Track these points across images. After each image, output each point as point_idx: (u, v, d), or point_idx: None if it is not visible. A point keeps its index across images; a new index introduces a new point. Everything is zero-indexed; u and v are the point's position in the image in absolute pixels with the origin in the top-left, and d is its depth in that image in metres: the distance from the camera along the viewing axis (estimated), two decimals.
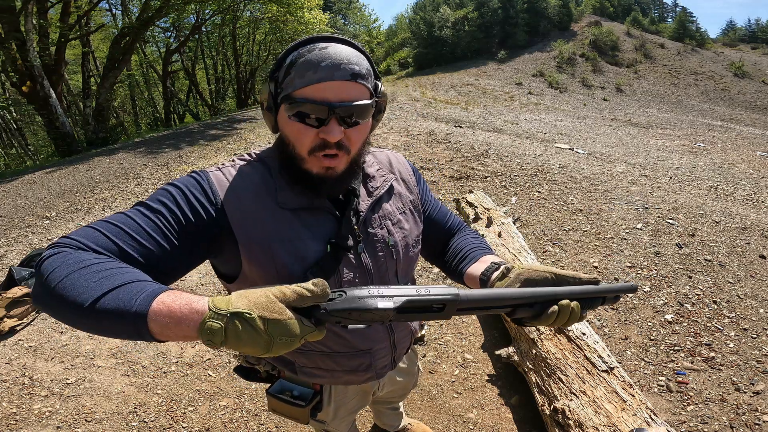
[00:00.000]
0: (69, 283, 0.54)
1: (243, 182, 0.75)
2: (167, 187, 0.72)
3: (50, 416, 1.97)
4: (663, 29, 32.08)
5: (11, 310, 2.64)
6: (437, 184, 5.11)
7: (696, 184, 5.62)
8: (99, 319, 0.53)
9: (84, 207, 5.01)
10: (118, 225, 0.64)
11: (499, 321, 2.58)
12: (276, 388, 0.89)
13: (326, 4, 26.53)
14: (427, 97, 15.63)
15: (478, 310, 0.66)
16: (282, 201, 0.75)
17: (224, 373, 2.25)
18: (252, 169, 0.77)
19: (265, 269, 0.74)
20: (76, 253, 0.58)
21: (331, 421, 1.06)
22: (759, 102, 19.20)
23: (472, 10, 26.06)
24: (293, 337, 0.53)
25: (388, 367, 0.96)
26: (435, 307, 0.61)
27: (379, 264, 0.83)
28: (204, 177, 0.74)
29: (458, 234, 1.04)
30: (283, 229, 0.74)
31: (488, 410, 2.00)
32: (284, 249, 0.74)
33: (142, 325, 0.52)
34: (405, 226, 0.88)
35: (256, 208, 0.74)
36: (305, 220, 0.77)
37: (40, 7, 9.17)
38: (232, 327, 0.51)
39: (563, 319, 0.69)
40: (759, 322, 2.55)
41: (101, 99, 10.70)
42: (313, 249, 0.76)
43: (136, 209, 0.68)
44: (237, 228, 0.72)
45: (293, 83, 0.68)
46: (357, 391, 1.06)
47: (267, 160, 0.79)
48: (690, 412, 1.95)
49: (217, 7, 13.30)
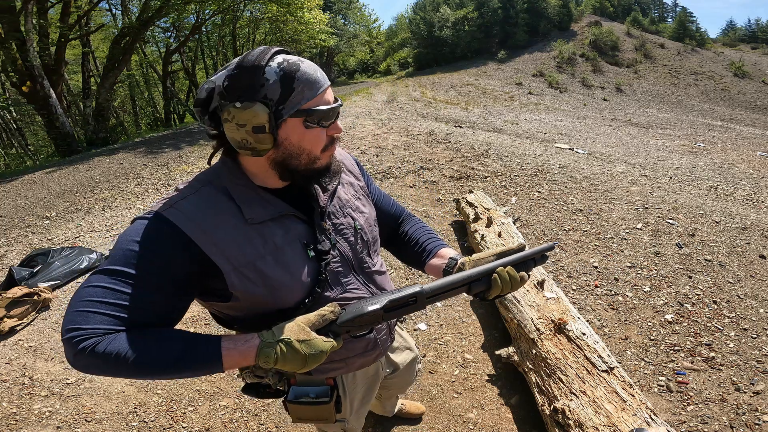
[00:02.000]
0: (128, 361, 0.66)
1: (203, 213, 0.74)
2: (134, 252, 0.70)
3: (50, 416, 1.97)
4: (663, 29, 32.08)
5: (11, 310, 2.64)
6: (437, 184, 5.11)
7: (696, 184, 5.62)
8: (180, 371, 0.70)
9: (84, 207, 5.01)
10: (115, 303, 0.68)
11: (499, 321, 2.58)
12: (294, 396, 0.92)
13: (326, 4, 26.52)
14: (427, 97, 15.63)
15: (442, 295, 0.84)
16: (250, 217, 0.77)
17: (224, 373, 2.25)
18: (206, 197, 0.76)
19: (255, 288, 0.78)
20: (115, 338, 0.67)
21: (350, 416, 1.12)
22: (759, 102, 19.20)
23: (472, 10, 26.06)
24: (322, 352, 0.72)
25: (387, 340, 1.07)
26: (410, 301, 0.81)
27: (354, 248, 0.92)
28: (165, 224, 0.72)
29: (408, 222, 1.16)
30: (260, 245, 0.77)
31: (488, 410, 2.00)
32: (269, 264, 0.78)
33: (218, 369, 0.72)
34: (363, 210, 0.97)
35: (226, 234, 0.75)
36: (276, 231, 0.80)
37: (40, 7, 9.17)
38: (279, 350, 0.70)
39: (507, 284, 0.85)
40: (759, 322, 2.55)
41: (101, 99, 10.70)
42: (293, 256, 0.81)
43: (118, 280, 0.69)
44: (218, 259, 0.74)
45: (304, 96, 0.72)
46: (365, 379, 1.12)
47: (216, 183, 0.79)
48: (690, 412, 1.95)
49: (217, 7, 13.29)
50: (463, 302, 2.86)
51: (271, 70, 0.70)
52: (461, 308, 2.80)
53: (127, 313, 0.68)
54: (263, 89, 0.70)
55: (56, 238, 4.12)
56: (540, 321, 2.02)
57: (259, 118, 0.69)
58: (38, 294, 2.80)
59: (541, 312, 2.08)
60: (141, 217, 0.74)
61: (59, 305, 2.87)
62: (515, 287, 0.87)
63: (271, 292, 0.79)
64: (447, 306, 2.83)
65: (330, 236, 0.87)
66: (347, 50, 30.33)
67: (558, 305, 2.12)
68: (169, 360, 0.68)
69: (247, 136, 0.71)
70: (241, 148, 0.73)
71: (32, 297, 2.76)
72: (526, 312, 2.13)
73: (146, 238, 0.71)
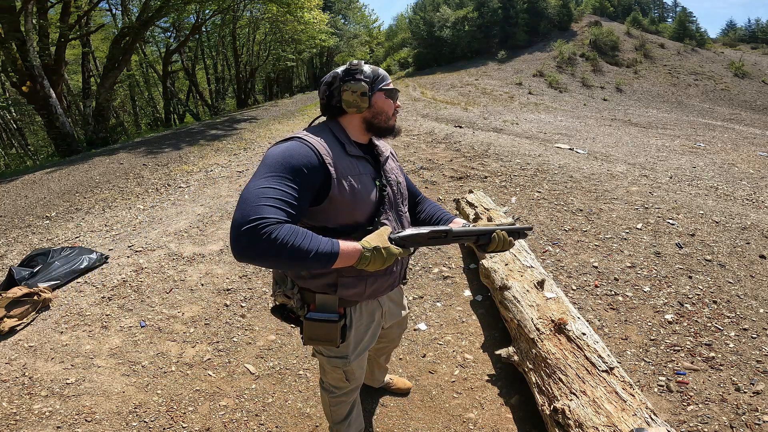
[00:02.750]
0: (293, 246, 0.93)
1: (327, 143, 1.15)
2: (290, 162, 1.04)
3: (50, 416, 1.97)
4: (663, 29, 32.06)
5: (11, 310, 2.64)
6: (437, 184, 5.11)
7: (696, 184, 5.62)
8: (311, 262, 0.96)
9: (84, 207, 5.02)
10: (281, 199, 0.98)
11: (499, 321, 2.58)
12: (311, 315, 1.22)
13: (326, 4, 26.52)
14: (427, 97, 15.62)
15: (463, 237, 1.22)
16: (349, 151, 1.20)
17: (224, 373, 2.25)
18: (327, 136, 1.18)
19: (347, 195, 1.14)
20: (286, 228, 0.94)
21: (351, 353, 1.36)
22: (759, 102, 19.19)
23: (472, 10, 26.03)
24: (394, 255, 1.07)
25: (398, 280, 1.37)
26: (443, 234, 1.17)
27: (395, 194, 1.30)
28: (309, 146, 1.10)
29: (424, 202, 1.52)
30: (353, 168, 1.18)
31: (488, 410, 2.00)
32: (355, 180, 1.17)
33: (334, 260, 1.00)
34: (401, 176, 1.40)
35: (337, 157, 1.14)
36: (360, 164, 1.22)
37: (40, 7, 9.16)
38: (371, 254, 1.04)
39: (501, 242, 1.25)
40: (759, 322, 2.55)
41: (101, 99, 10.69)
42: (368, 181, 1.22)
43: (280, 181, 1.00)
44: (332, 171, 1.11)
45: (383, 82, 1.22)
46: (369, 317, 1.38)
47: (328, 131, 1.21)
48: (690, 412, 1.95)
49: (217, 7, 13.30)
50: (463, 302, 2.86)
51: (366, 67, 1.21)
52: (461, 308, 2.80)
53: (290, 208, 0.98)
54: (363, 75, 1.19)
55: (56, 238, 4.12)
56: (540, 321, 2.02)
57: (363, 88, 1.17)
58: (38, 294, 2.80)
59: (541, 312, 2.08)
60: (285, 140, 1.12)
61: (59, 305, 2.87)
62: (506, 247, 1.26)
63: (353, 199, 1.14)
64: (447, 306, 2.83)
65: (384, 180, 1.26)
66: (347, 50, 30.32)
67: (558, 305, 2.12)
68: (313, 249, 0.95)
69: (357, 98, 1.17)
70: (350, 107, 1.19)
71: (32, 297, 2.76)
72: (526, 312, 2.13)
73: (297, 153, 1.06)
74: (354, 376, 1.45)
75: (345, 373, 1.41)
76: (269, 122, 10.88)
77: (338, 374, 1.42)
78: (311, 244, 0.96)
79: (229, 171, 6.06)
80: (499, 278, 2.48)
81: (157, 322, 2.68)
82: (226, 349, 2.43)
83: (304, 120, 10.79)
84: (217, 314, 2.75)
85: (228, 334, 2.56)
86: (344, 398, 1.53)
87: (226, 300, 2.89)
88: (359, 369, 1.45)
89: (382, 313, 1.43)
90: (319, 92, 1.24)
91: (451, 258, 3.42)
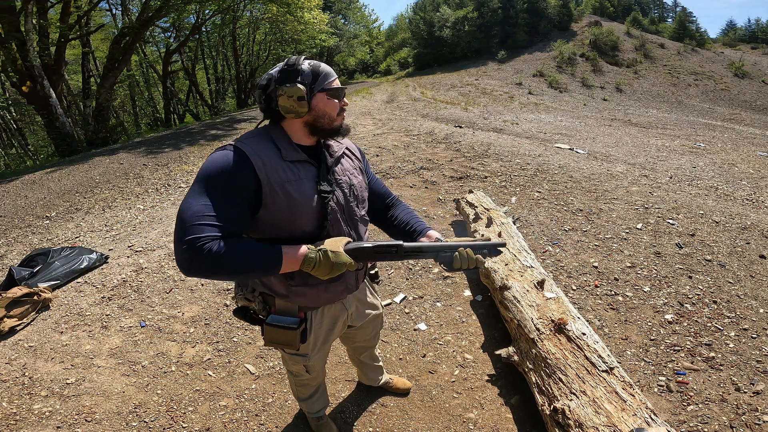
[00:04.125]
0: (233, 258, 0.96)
1: (262, 149, 1.11)
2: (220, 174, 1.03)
3: (50, 416, 1.97)
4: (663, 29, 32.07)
5: (11, 310, 2.64)
6: (437, 184, 5.11)
7: (696, 184, 5.62)
8: (254, 270, 1.00)
9: (84, 207, 5.02)
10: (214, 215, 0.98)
11: (499, 321, 2.58)
12: (271, 320, 1.22)
13: (326, 4, 26.50)
14: (427, 97, 15.62)
15: (417, 254, 1.12)
16: (285, 155, 1.13)
17: (224, 373, 2.25)
18: (263, 142, 1.14)
19: (280, 203, 1.09)
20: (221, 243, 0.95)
21: (311, 351, 1.39)
22: (759, 102, 19.19)
23: (472, 10, 26.03)
24: (344, 263, 1.05)
25: (353, 286, 1.34)
26: (392, 249, 1.09)
27: (347, 198, 1.23)
28: (240, 153, 1.07)
29: (397, 207, 1.44)
30: (290, 174, 1.12)
31: (488, 410, 2.00)
32: (293, 187, 1.11)
33: (279, 267, 1.02)
34: (359, 177, 1.32)
35: (270, 163, 1.09)
36: (299, 168, 1.15)
37: (40, 7, 9.16)
38: (318, 257, 1.04)
39: (465, 260, 1.12)
40: (759, 322, 2.55)
41: (101, 99, 10.69)
42: (308, 186, 1.14)
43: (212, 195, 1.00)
44: (263, 178, 1.07)
45: (325, 81, 1.14)
46: (330, 318, 1.38)
47: (265, 135, 1.16)
48: (690, 412, 1.95)
49: (217, 7, 13.29)
50: (463, 302, 2.86)
51: (305, 66, 1.12)
52: (461, 308, 2.80)
53: (225, 222, 0.98)
54: (301, 76, 1.11)
55: (56, 238, 4.12)
56: (540, 321, 2.02)
57: (300, 92, 1.09)
58: (38, 294, 2.80)
59: (541, 312, 2.08)
60: (222, 148, 1.09)
61: (59, 305, 2.87)
62: (471, 265, 1.13)
63: (290, 206, 1.10)
64: (447, 306, 2.83)
65: (332, 183, 1.19)
66: (347, 50, 30.31)
67: (558, 305, 2.12)
68: (252, 259, 0.97)
69: (294, 103, 1.10)
70: (288, 113, 1.12)
71: (32, 297, 2.76)
72: (526, 312, 2.13)
73: (227, 163, 1.04)
74: (314, 369, 1.51)
75: (306, 367, 1.47)
76: None
77: (299, 367, 1.49)
78: (250, 255, 0.97)
79: None
80: (499, 278, 2.48)
81: (157, 322, 2.68)
82: (226, 349, 2.43)
83: None
84: (217, 314, 2.75)
85: (228, 334, 2.56)
86: (308, 383, 1.63)
87: (226, 300, 2.89)
88: (320, 362, 1.52)
89: (348, 314, 1.43)
90: (254, 96, 1.20)
91: None
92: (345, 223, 1.22)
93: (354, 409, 2.03)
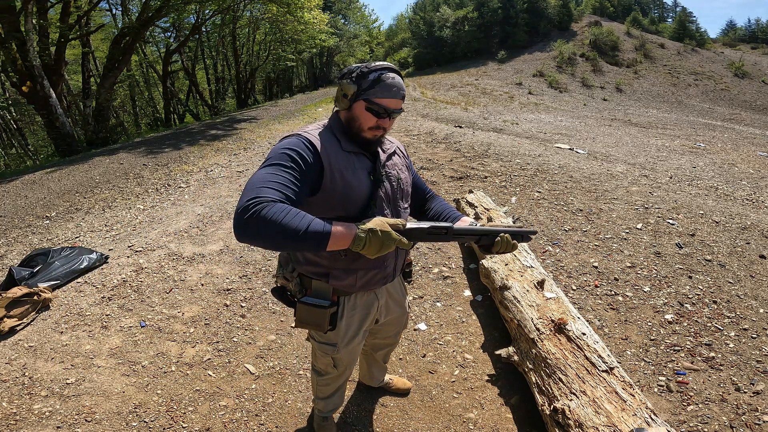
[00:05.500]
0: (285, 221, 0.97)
1: (324, 139, 1.21)
2: (288, 152, 1.12)
3: (50, 416, 1.97)
4: (663, 29, 32.07)
5: (11, 310, 2.64)
6: (437, 184, 5.11)
7: (696, 184, 5.62)
8: (304, 240, 0.99)
9: (84, 207, 5.02)
10: (279, 182, 1.05)
11: (499, 321, 2.58)
12: (304, 300, 1.29)
13: (326, 4, 26.50)
14: (427, 97, 15.62)
15: (464, 236, 1.22)
16: (345, 147, 1.24)
17: (224, 373, 2.25)
18: (326, 132, 1.25)
19: (338, 187, 1.19)
20: (279, 206, 0.99)
21: (341, 341, 1.41)
22: (759, 102, 19.19)
23: (472, 10, 26.04)
24: (393, 240, 1.06)
25: (391, 275, 1.39)
26: (443, 231, 1.18)
27: (394, 190, 1.32)
28: (306, 139, 1.18)
29: (433, 200, 1.52)
30: (348, 163, 1.22)
31: (488, 410, 2.00)
32: (350, 174, 1.21)
33: (326, 241, 1.01)
34: (405, 173, 1.41)
35: (332, 151, 1.20)
36: (355, 159, 1.25)
37: (40, 7, 9.16)
38: (370, 235, 1.05)
39: (505, 244, 1.24)
40: (759, 322, 2.55)
41: (101, 99, 10.69)
42: (362, 175, 1.24)
43: (279, 168, 1.08)
44: (326, 163, 1.17)
45: (375, 93, 1.18)
46: (362, 309, 1.42)
47: (329, 127, 1.27)
48: (690, 412, 1.95)
49: (217, 7, 13.29)
50: (463, 302, 2.86)
51: (376, 73, 1.19)
52: (461, 308, 2.80)
53: (287, 191, 1.04)
54: (362, 79, 1.19)
55: (56, 238, 4.12)
56: (540, 321, 2.02)
57: (349, 90, 1.19)
58: (38, 294, 2.80)
59: (541, 312, 2.08)
60: (289, 135, 1.20)
61: (59, 305, 2.87)
62: (509, 250, 1.26)
63: (344, 191, 1.19)
64: (447, 306, 2.83)
65: (382, 176, 1.29)
66: (347, 50, 30.32)
67: (558, 305, 2.12)
68: (303, 227, 0.98)
69: (341, 97, 1.22)
70: (337, 102, 1.25)
71: (32, 297, 2.76)
72: (526, 312, 2.13)
73: (295, 145, 1.15)
74: (342, 364, 1.52)
75: (333, 360, 1.48)
76: (269, 122, 10.88)
77: (327, 360, 1.49)
78: (302, 222, 0.99)
79: (229, 171, 6.06)
80: (499, 278, 2.48)
81: (157, 322, 2.68)
82: (226, 349, 2.43)
83: (303, 120, 10.79)
84: (217, 314, 2.75)
85: (228, 334, 2.56)
86: (331, 382, 1.64)
87: (226, 300, 2.89)
88: (348, 358, 1.51)
89: (378, 306, 1.46)
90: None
91: (451, 258, 3.42)
92: (390, 213, 1.31)
93: (354, 409, 2.03)
